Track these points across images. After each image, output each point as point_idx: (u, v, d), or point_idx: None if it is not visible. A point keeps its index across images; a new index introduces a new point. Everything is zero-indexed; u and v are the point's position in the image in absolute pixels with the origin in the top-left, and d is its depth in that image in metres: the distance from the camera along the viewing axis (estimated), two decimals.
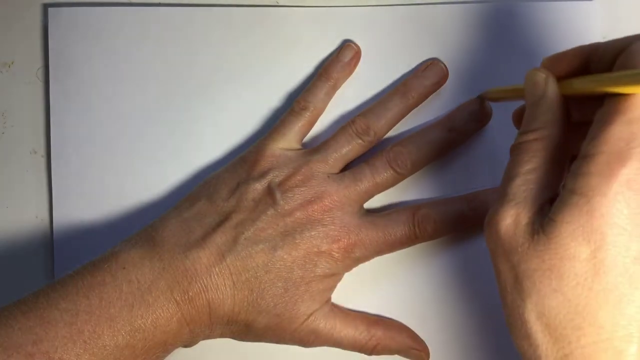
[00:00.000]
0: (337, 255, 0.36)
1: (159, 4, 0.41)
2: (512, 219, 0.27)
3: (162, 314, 0.33)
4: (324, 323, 0.37)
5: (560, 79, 0.29)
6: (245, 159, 0.38)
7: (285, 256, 0.35)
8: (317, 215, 0.36)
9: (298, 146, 0.39)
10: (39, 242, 0.40)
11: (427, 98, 0.39)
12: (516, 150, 0.29)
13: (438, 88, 0.39)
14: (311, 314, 0.36)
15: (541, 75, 0.30)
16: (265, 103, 0.40)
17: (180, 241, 0.35)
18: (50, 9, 0.40)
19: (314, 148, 0.39)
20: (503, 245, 0.27)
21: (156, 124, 0.40)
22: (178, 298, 0.33)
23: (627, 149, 0.24)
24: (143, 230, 0.36)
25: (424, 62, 0.40)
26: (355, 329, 0.37)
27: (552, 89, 0.29)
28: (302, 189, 0.36)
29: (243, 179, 0.37)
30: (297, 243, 0.35)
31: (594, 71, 0.28)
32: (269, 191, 0.36)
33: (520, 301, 0.26)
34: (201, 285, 0.34)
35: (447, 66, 0.39)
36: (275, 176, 0.37)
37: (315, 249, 0.36)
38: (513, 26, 0.39)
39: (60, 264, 0.40)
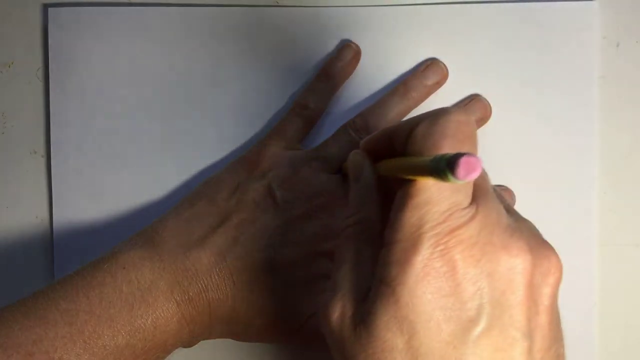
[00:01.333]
0: None
1: (159, 4, 0.41)
2: (339, 311, 0.26)
3: (162, 314, 0.33)
4: None
5: (377, 160, 0.29)
6: (245, 159, 0.38)
7: (285, 256, 0.35)
8: (317, 215, 0.36)
9: (298, 146, 0.39)
10: (39, 242, 0.40)
11: (427, 98, 0.39)
12: (340, 236, 0.29)
13: (438, 88, 0.39)
14: (311, 315, 0.36)
15: (358, 157, 0.30)
16: (265, 103, 0.40)
17: (180, 241, 0.35)
18: (50, 9, 0.40)
19: (314, 148, 0.39)
20: (334, 338, 0.26)
21: (156, 124, 0.40)
22: (178, 298, 0.33)
23: (417, 236, 0.24)
24: (143, 230, 0.36)
25: (423, 62, 0.40)
26: None
27: (367, 170, 0.29)
28: (302, 188, 0.36)
29: (243, 179, 0.37)
30: (298, 243, 0.35)
31: (397, 151, 0.28)
32: (270, 191, 0.36)
33: None
34: (201, 286, 0.34)
35: (447, 66, 0.39)
36: (276, 176, 0.37)
37: (316, 249, 0.36)
38: (513, 26, 0.39)
39: (60, 264, 0.40)
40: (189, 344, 0.36)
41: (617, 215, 0.40)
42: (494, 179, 0.39)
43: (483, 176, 0.26)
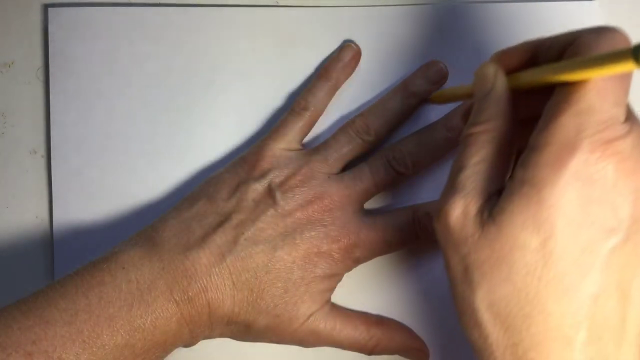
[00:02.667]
0: (337, 255, 0.36)
1: (159, 4, 0.41)
2: (461, 209, 0.27)
3: (161, 314, 0.33)
4: (324, 323, 0.37)
5: (509, 73, 0.30)
6: (245, 159, 0.38)
7: (285, 257, 0.35)
8: (317, 215, 0.36)
9: (298, 146, 0.39)
10: (39, 242, 0.40)
11: (427, 98, 0.39)
12: (464, 142, 0.29)
13: (438, 88, 0.39)
14: (311, 315, 0.36)
15: (490, 69, 0.30)
16: (265, 103, 0.40)
17: (180, 241, 0.35)
18: (50, 9, 0.40)
19: (314, 148, 0.39)
20: (452, 236, 0.27)
21: (156, 124, 0.40)
22: (177, 298, 0.33)
23: (575, 140, 0.24)
24: (143, 230, 0.36)
25: (424, 62, 0.40)
26: (355, 329, 0.37)
27: (500, 82, 0.29)
28: (302, 189, 0.36)
29: (243, 179, 0.37)
30: (297, 243, 0.35)
31: (541, 64, 0.28)
32: (269, 191, 0.36)
33: (470, 292, 0.26)
34: (201, 286, 0.34)
35: (447, 66, 0.39)
36: (276, 176, 0.37)
37: (315, 250, 0.36)
38: (513, 26, 0.39)
39: (60, 264, 0.40)
40: (188, 343, 0.35)
41: None
42: None
43: (631, 107, 0.27)
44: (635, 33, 0.39)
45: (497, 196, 0.27)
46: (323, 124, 0.40)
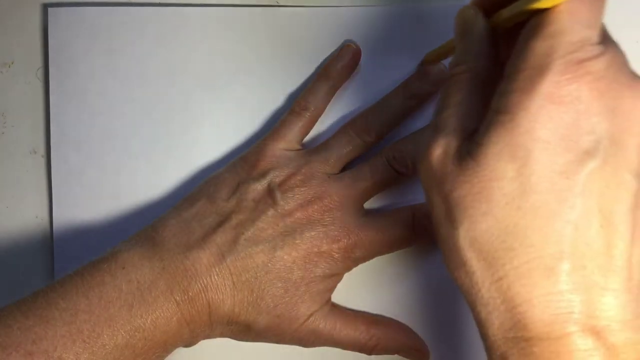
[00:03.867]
0: (337, 255, 0.36)
1: (159, 4, 0.41)
2: (442, 149, 0.26)
3: (161, 314, 0.33)
4: (324, 323, 0.37)
5: (489, 13, 0.29)
6: (245, 159, 0.38)
7: (285, 257, 0.35)
8: (317, 215, 0.36)
9: (298, 146, 0.39)
10: (39, 242, 0.40)
11: (428, 98, 0.39)
12: (446, 84, 0.29)
13: (438, 89, 0.39)
14: (311, 315, 0.36)
15: (469, 11, 0.29)
16: (265, 103, 0.40)
17: (180, 241, 0.35)
18: (50, 9, 0.40)
19: (314, 148, 0.39)
20: (434, 176, 0.26)
21: (156, 124, 0.40)
22: (178, 298, 0.33)
23: (545, 63, 0.24)
24: (143, 230, 0.36)
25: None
26: (355, 329, 0.37)
27: (479, 22, 0.29)
28: (302, 189, 0.36)
29: (243, 179, 0.37)
30: (297, 243, 0.35)
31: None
32: (269, 191, 0.36)
33: (453, 230, 0.25)
34: (201, 286, 0.34)
35: (447, 66, 0.39)
36: (276, 176, 0.37)
37: (316, 250, 0.36)
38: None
39: (60, 264, 0.40)
40: (189, 343, 0.36)
41: None
42: None
43: (605, 27, 0.26)
44: (636, 33, 0.39)
45: (477, 133, 0.26)
46: (323, 124, 0.40)
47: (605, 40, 0.25)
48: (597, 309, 0.24)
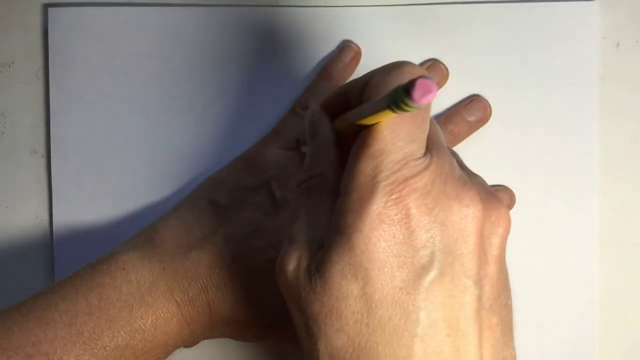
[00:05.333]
0: None
1: (159, 4, 0.41)
2: (295, 263, 0.27)
3: (162, 315, 0.33)
4: None
5: (335, 117, 0.30)
6: (245, 159, 0.38)
7: None
8: None
9: (298, 146, 0.39)
10: (39, 242, 0.40)
11: None
12: (297, 191, 0.29)
13: (439, 89, 0.39)
14: None
15: (315, 114, 0.30)
16: (265, 103, 0.40)
17: (180, 242, 0.35)
18: (50, 9, 0.40)
19: None
20: (290, 290, 0.27)
21: (156, 124, 0.40)
22: (178, 299, 0.33)
23: (372, 184, 0.24)
24: (143, 231, 0.36)
25: (424, 62, 0.40)
26: None
27: (325, 126, 0.29)
28: None
29: (243, 179, 0.37)
30: None
31: (352, 107, 0.28)
32: (269, 191, 0.36)
33: (313, 345, 0.26)
34: (201, 286, 0.34)
35: (447, 66, 0.39)
36: (275, 176, 0.37)
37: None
38: (513, 26, 0.39)
39: (60, 264, 0.40)
40: (189, 344, 0.36)
41: (617, 215, 0.40)
42: (494, 179, 0.39)
43: (435, 131, 0.27)
44: (636, 33, 0.39)
45: None
46: None
47: (432, 149, 0.26)
48: None
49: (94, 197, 0.40)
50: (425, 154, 0.25)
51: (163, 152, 0.40)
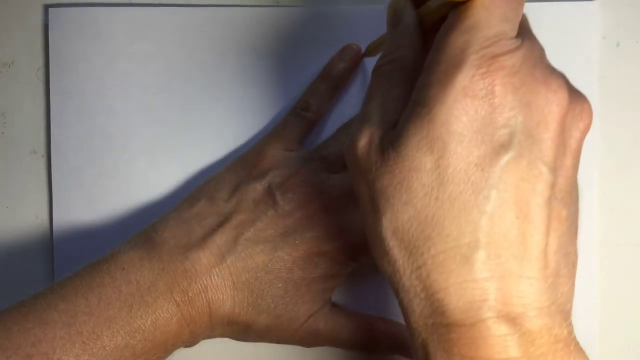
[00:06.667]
0: (337, 255, 0.36)
1: (159, 5, 0.41)
2: (367, 139, 0.27)
3: (161, 315, 0.33)
4: (324, 324, 0.37)
5: (418, 6, 0.30)
6: (245, 159, 0.38)
7: (285, 257, 0.35)
8: (317, 215, 0.36)
9: (299, 147, 0.39)
10: (39, 242, 0.40)
11: None
12: (374, 74, 0.29)
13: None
14: (311, 315, 0.36)
15: (400, 2, 0.30)
16: (265, 103, 0.40)
17: (180, 242, 0.35)
18: (50, 9, 0.40)
19: (314, 148, 0.39)
20: (360, 166, 0.27)
21: (156, 125, 0.40)
22: (178, 299, 0.33)
23: (461, 57, 0.24)
24: (143, 231, 0.36)
25: None
26: (355, 329, 0.37)
27: (408, 13, 0.29)
28: (302, 189, 0.36)
29: (243, 180, 0.37)
30: (298, 244, 0.35)
31: None
32: (269, 192, 0.36)
33: (377, 220, 0.26)
34: (201, 286, 0.34)
35: None
36: (276, 176, 0.37)
37: (316, 250, 0.36)
38: None
39: (60, 264, 0.40)
40: (189, 344, 0.36)
41: (617, 215, 0.40)
42: None
43: (527, 20, 0.27)
44: (636, 33, 0.39)
45: None
46: (324, 125, 0.40)
47: (524, 34, 0.26)
48: (512, 296, 0.24)
49: (94, 197, 0.40)
50: (517, 36, 0.25)
51: (163, 152, 0.40)
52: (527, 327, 0.24)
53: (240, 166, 0.38)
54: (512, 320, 0.24)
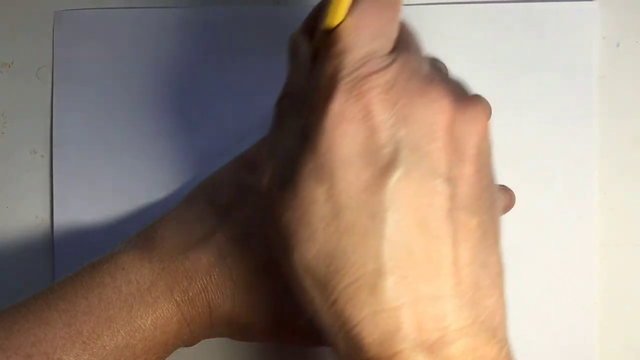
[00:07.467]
0: None
1: (161, 7, 0.41)
2: (269, 176, 0.26)
3: (161, 315, 0.33)
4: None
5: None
6: (245, 158, 0.38)
7: None
8: None
9: None
10: (39, 242, 0.40)
11: None
12: (275, 108, 0.28)
13: None
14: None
15: (295, 35, 0.29)
16: (265, 103, 0.40)
17: (180, 242, 0.35)
18: (55, 12, 0.40)
19: None
20: (266, 203, 0.26)
21: (157, 125, 0.40)
22: (178, 299, 0.33)
23: (333, 83, 0.24)
24: (143, 231, 0.36)
25: None
26: None
27: (303, 47, 0.28)
28: None
29: (243, 179, 0.37)
30: None
31: None
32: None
33: (288, 259, 0.25)
34: (201, 286, 0.34)
35: (447, 66, 0.39)
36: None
37: None
38: (513, 26, 0.39)
39: (61, 264, 0.40)
40: (189, 343, 0.36)
41: (617, 215, 0.40)
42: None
43: (408, 32, 0.26)
44: (636, 33, 0.39)
45: None
46: None
47: (400, 47, 0.25)
48: (427, 321, 0.23)
49: (94, 197, 0.40)
50: (391, 52, 0.25)
51: (163, 152, 0.40)
52: (446, 353, 0.23)
53: (239, 166, 0.38)
54: (429, 348, 0.23)
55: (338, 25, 0.25)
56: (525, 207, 0.39)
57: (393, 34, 0.25)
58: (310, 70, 0.27)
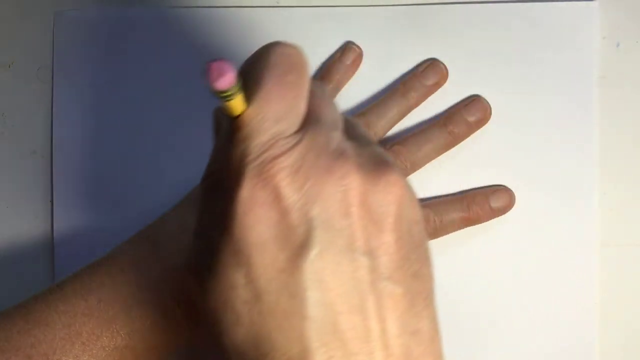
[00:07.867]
0: None
1: (161, 7, 0.41)
2: (195, 257, 0.26)
3: (162, 315, 0.33)
4: None
5: None
6: None
7: None
8: None
9: None
10: (39, 242, 0.40)
11: (427, 98, 0.39)
12: (201, 186, 0.28)
13: (438, 88, 0.39)
14: None
15: (217, 113, 0.29)
16: None
17: (180, 242, 0.35)
18: (55, 12, 0.40)
19: None
20: (196, 291, 0.26)
21: (157, 125, 0.40)
22: (178, 299, 0.33)
23: (240, 169, 0.24)
24: (142, 231, 0.36)
25: (423, 62, 0.39)
26: None
27: (225, 122, 0.28)
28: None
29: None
30: None
31: None
32: None
33: (220, 344, 0.25)
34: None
35: (447, 66, 0.39)
36: None
37: None
38: (513, 26, 0.39)
39: (61, 264, 0.40)
40: (190, 343, 0.36)
41: (617, 215, 0.39)
42: (494, 179, 0.39)
43: (319, 105, 0.26)
44: (636, 33, 0.39)
45: None
46: None
47: (308, 124, 0.25)
48: None
49: (94, 198, 0.40)
50: (299, 130, 0.24)
51: (163, 152, 0.40)
52: None
53: None
54: None
55: (242, 112, 0.24)
56: (525, 207, 0.39)
57: (300, 111, 0.25)
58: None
